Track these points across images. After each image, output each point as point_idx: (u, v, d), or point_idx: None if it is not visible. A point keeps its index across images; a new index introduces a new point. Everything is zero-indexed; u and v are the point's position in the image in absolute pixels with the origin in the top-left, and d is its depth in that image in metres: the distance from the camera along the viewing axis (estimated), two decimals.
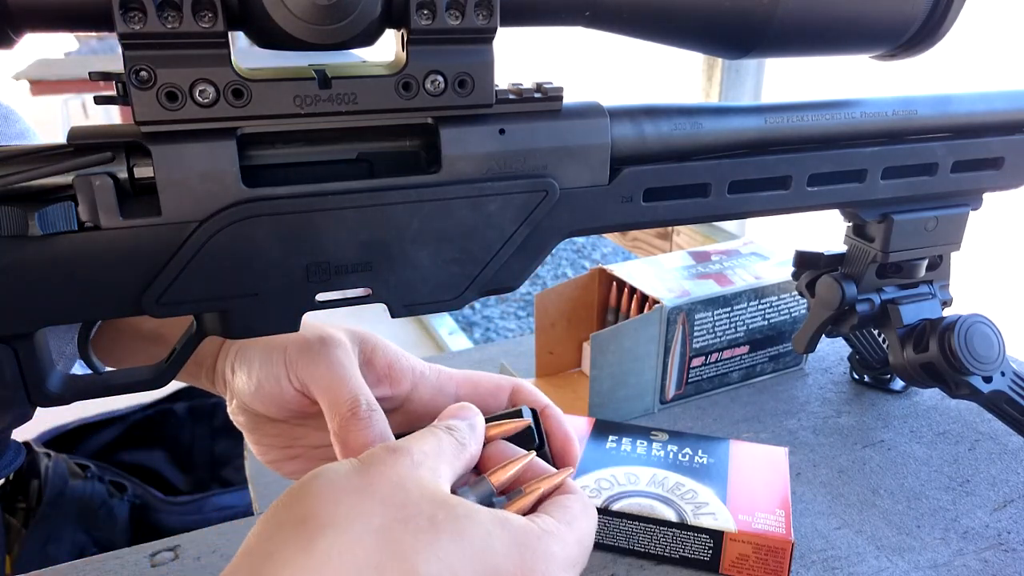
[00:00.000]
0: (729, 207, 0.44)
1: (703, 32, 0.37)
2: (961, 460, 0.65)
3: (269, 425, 0.44)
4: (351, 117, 0.34)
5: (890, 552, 0.55)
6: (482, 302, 3.23)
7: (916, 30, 0.40)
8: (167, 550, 0.56)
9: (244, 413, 0.44)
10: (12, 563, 0.86)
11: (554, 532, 0.31)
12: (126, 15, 0.28)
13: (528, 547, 0.30)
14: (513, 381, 0.43)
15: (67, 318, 0.33)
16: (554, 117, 0.38)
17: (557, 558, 0.30)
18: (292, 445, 0.45)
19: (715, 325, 0.71)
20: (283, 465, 0.45)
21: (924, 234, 0.53)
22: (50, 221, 0.31)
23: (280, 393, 0.41)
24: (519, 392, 0.42)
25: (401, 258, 0.36)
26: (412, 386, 0.42)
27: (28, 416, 0.37)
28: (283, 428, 0.44)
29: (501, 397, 0.42)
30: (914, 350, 0.55)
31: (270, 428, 0.44)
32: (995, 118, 0.50)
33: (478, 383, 0.43)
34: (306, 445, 0.45)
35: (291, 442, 0.44)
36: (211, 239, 0.33)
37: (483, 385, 0.42)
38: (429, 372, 0.43)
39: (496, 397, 0.42)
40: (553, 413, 0.41)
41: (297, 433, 0.44)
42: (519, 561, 0.29)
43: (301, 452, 0.45)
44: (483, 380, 0.43)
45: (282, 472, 0.45)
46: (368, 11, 0.31)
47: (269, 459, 0.45)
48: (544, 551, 0.30)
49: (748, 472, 0.56)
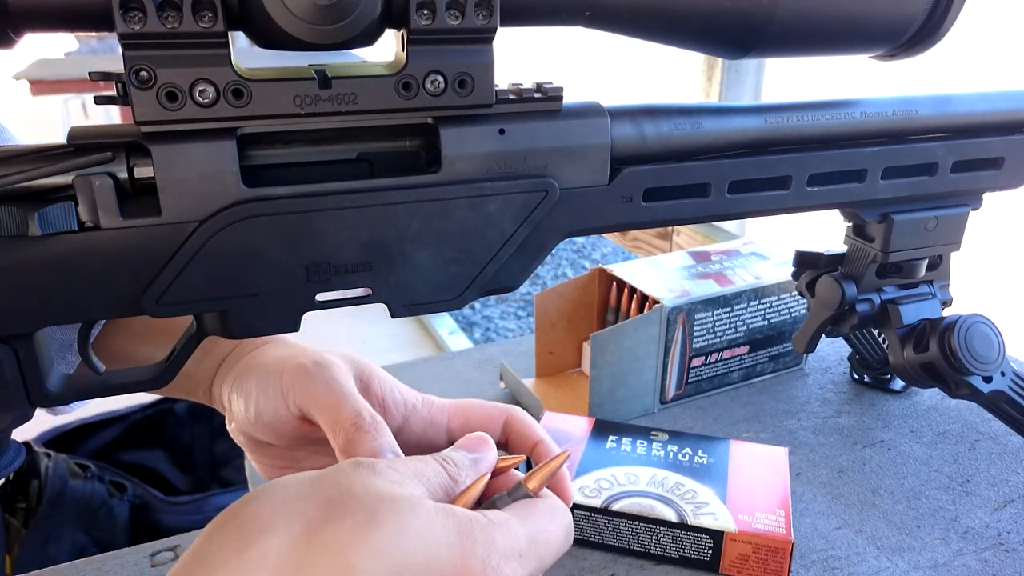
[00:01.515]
0: (729, 207, 0.44)
1: (703, 32, 0.37)
2: (961, 460, 0.65)
3: (269, 448, 0.44)
4: (351, 117, 0.34)
5: (890, 552, 0.55)
6: (482, 302, 3.23)
7: (916, 30, 0.40)
8: (167, 550, 0.56)
9: (244, 435, 0.44)
10: (12, 563, 0.86)
11: (500, 523, 0.30)
12: (126, 15, 0.28)
13: (469, 535, 0.29)
14: (506, 411, 0.41)
15: (67, 318, 0.33)
16: (554, 117, 0.38)
17: (498, 545, 0.29)
18: (291, 466, 0.44)
19: (715, 325, 0.71)
20: None
21: (924, 234, 0.53)
22: (50, 221, 0.31)
23: (279, 421, 0.41)
24: (512, 422, 0.41)
25: (401, 258, 0.36)
26: (403, 419, 0.42)
27: (28, 416, 0.37)
28: (283, 451, 0.44)
29: (493, 429, 0.41)
30: (914, 350, 0.55)
31: (270, 450, 0.44)
32: (995, 118, 0.50)
33: (470, 415, 0.41)
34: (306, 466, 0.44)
35: (290, 463, 0.44)
36: (211, 239, 0.33)
37: (475, 416, 0.41)
38: (421, 405, 0.42)
39: (488, 429, 0.41)
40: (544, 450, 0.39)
41: (297, 456, 0.44)
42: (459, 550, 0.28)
43: None
44: (475, 411, 0.42)
45: None
46: (368, 11, 0.31)
47: (271, 477, 0.45)
48: (485, 538, 0.29)
49: (748, 472, 0.56)
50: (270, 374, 0.42)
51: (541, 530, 0.32)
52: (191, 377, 0.48)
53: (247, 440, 0.44)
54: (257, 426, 0.42)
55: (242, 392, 0.43)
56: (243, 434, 0.44)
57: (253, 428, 0.42)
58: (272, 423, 0.41)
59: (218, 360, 0.47)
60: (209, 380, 0.47)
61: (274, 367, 0.42)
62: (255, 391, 0.42)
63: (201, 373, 0.47)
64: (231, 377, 0.45)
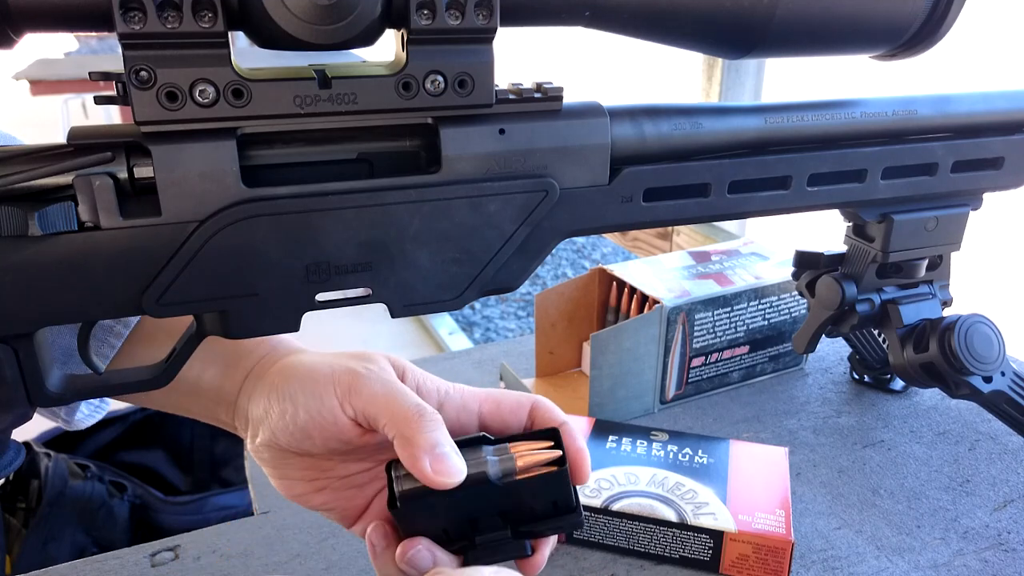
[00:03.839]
0: (729, 207, 0.44)
1: (703, 32, 0.37)
2: (961, 460, 0.65)
3: (296, 459, 0.43)
4: (351, 117, 0.34)
5: (890, 552, 0.55)
6: (482, 302, 3.23)
7: (916, 30, 0.40)
8: (167, 550, 0.56)
9: (270, 449, 0.43)
10: (12, 563, 0.86)
11: None
12: (126, 15, 0.28)
13: None
14: (532, 398, 0.43)
15: (67, 318, 0.33)
16: (554, 117, 0.38)
17: None
18: (319, 477, 0.44)
19: (715, 325, 0.71)
20: (311, 498, 0.45)
21: (924, 234, 0.53)
22: (50, 221, 0.31)
23: (334, 424, 0.41)
24: (538, 408, 0.43)
25: (401, 258, 0.36)
26: (439, 405, 0.43)
27: (28, 416, 0.37)
28: (311, 462, 0.44)
29: (521, 414, 0.43)
30: (914, 350, 0.55)
31: (297, 462, 0.44)
32: (995, 118, 0.50)
33: (500, 401, 0.43)
34: (334, 476, 0.44)
35: (319, 475, 0.44)
36: (211, 239, 0.33)
37: (504, 403, 0.43)
38: (453, 391, 0.44)
39: (516, 415, 0.43)
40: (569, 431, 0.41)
41: (326, 465, 0.44)
42: None
43: (328, 483, 0.44)
44: (504, 398, 0.43)
45: (309, 505, 0.45)
46: (368, 11, 0.31)
47: (295, 493, 0.45)
48: None
49: (748, 472, 0.56)
50: (319, 378, 0.42)
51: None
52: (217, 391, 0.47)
53: (273, 455, 0.44)
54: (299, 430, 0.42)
55: (284, 398, 0.42)
56: (270, 448, 0.43)
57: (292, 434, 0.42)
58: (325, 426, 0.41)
59: (243, 374, 0.46)
60: (235, 395, 0.46)
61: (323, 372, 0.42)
62: (302, 395, 0.42)
63: (228, 387, 0.47)
64: (264, 386, 0.44)
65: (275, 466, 0.44)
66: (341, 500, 0.44)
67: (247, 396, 0.46)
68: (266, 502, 0.61)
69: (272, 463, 0.44)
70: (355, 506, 0.45)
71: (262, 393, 0.44)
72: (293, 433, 0.42)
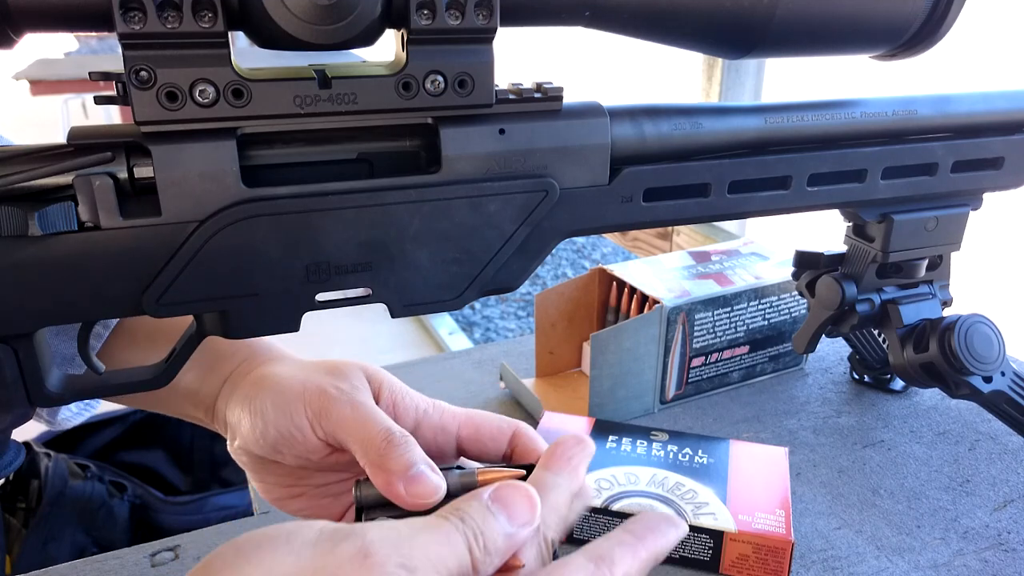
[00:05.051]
0: (729, 207, 0.44)
1: (703, 32, 0.37)
2: (961, 460, 0.65)
3: (273, 466, 0.43)
4: (351, 117, 0.34)
5: (890, 552, 0.55)
6: (482, 302, 3.23)
7: (916, 30, 0.40)
8: (167, 550, 0.56)
9: (247, 455, 0.43)
10: (12, 563, 0.86)
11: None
12: (126, 15, 0.28)
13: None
14: (514, 424, 0.41)
15: (67, 318, 0.33)
16: (554, 117, 0.38)
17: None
18: (296, 484, 0.44)
19: (715, 325, 0.71)
20: (288, 503, 0.44)
21: (924, 234, 0.53)
22: (50, 221, 0.31)
23: (304, 443, 0.40)
24: (519, 436, 0.41)
25: (401, 258, 0.36)
26: (415, 425, 0.42)
27: (28, 416, 0.37)
28: (288, 470, 0.43)
29: (502, 441, 0.41)
30: (914, 350, 0.55)
31: (274, 469, 0.43)
32: (995, 118, 0.50)
33: (480, 426, 0.41)
34: (310, 484, 0.44)
35: (295, 482, 0.44)
36: (211, 239, 0.33)
37: (484, 428, 0.41)
38: (432, 410, 0.42)
39: (496, 441, 0.41)
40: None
41: (301, 474, 0.44)
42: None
43: (305, 491, 0.44)
44: (485, 423, 0.41)
45: (287, 510, 0.45)
46: (368, 11, 0.31)
47: (273, 497, 0.45)
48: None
49: (748, 472, 0.56)
50: (290, 397, 0.41)
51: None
52: (195, 394, 0.47)
53: (250, 460, 0.44)
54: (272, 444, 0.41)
55: (255, 412, 0.42)
56: (247, 453, 0.43)
57: (263, 447, 0.41)
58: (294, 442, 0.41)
59: (222, 378, 0.46)
60: (213, 398, 0.46)
61: (294, 390, 0.41)
62: (272, 411, 0.41)
63: (205, 390, 0.47)
64: (239, 395, 0.44)
65: (253, 470, 0.44)
66: (318, 508, 0.44)
67: (224, 401, 0.46)
68: (266, 502, 0.61)
69: (250, 467, 0.44)
70: (332, 514, 0.45)
71: (236, 402, 0.44)
72: (263, 447, 0.42)
